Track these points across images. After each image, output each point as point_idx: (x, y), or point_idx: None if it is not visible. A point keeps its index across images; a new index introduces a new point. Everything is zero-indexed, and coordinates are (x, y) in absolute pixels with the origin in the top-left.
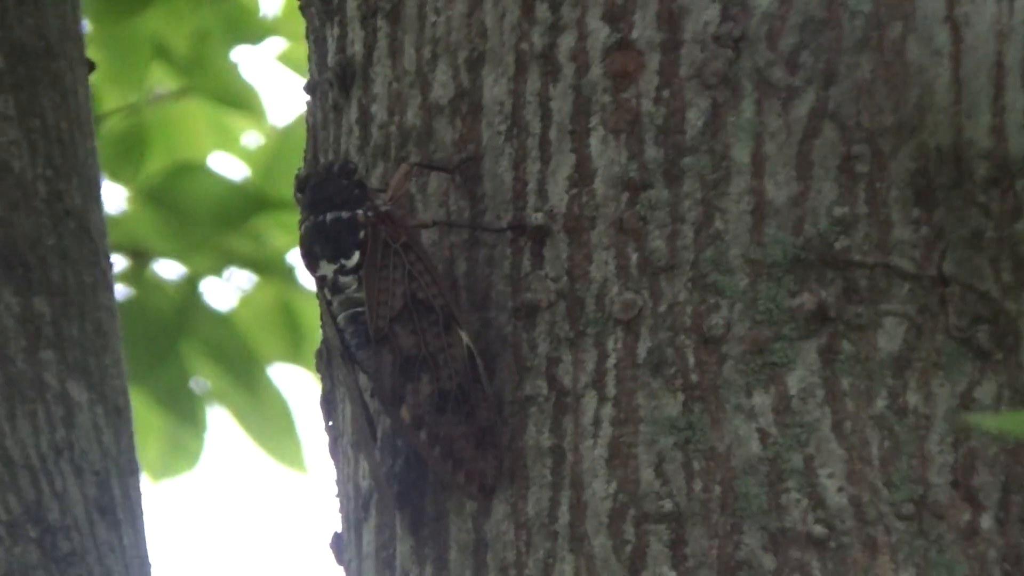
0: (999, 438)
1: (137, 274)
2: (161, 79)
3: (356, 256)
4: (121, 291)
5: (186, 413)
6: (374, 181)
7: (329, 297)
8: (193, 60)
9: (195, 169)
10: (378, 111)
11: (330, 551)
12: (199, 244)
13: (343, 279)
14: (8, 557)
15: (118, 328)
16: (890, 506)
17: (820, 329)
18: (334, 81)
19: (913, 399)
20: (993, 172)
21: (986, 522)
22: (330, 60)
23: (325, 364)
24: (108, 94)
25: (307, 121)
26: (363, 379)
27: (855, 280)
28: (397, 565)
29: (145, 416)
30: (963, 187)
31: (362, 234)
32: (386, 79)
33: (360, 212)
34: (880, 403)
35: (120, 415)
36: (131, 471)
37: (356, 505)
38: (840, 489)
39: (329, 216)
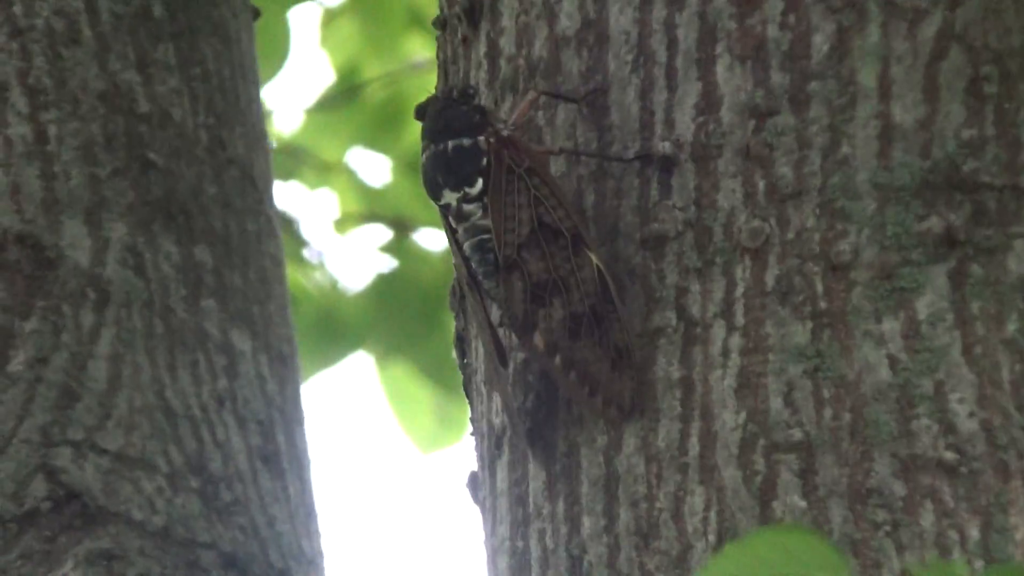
0: None
1: (400, 245)
2: (418, 48)
3: (479, 183)
4: (385, 262)
5: (452, 384)
6: (503, 115)
7: (454, 226)
8: None
9: None
10: (506, 44)
11: (467, 491)
12: None
13: (467, 207)
14: (169, 508)
15: (284, 276)
16: (1022, 430)
17: (949, 253)
18: (463, 15)
19: None
20: None
21: None
22: None
23: (458, 302)
24: (368, 63)
25: (437, 57)
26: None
27: (984, 203)
28: (530, 501)
29: (411, 388)
30: None
31: (485, 161)
32: (513, 12)
33: (482, 138)
34: (1011, 326)
35: (285, 363)
36: (297, 420)
37: (490, 443)
38: (971, 414)
39: (451, 144)
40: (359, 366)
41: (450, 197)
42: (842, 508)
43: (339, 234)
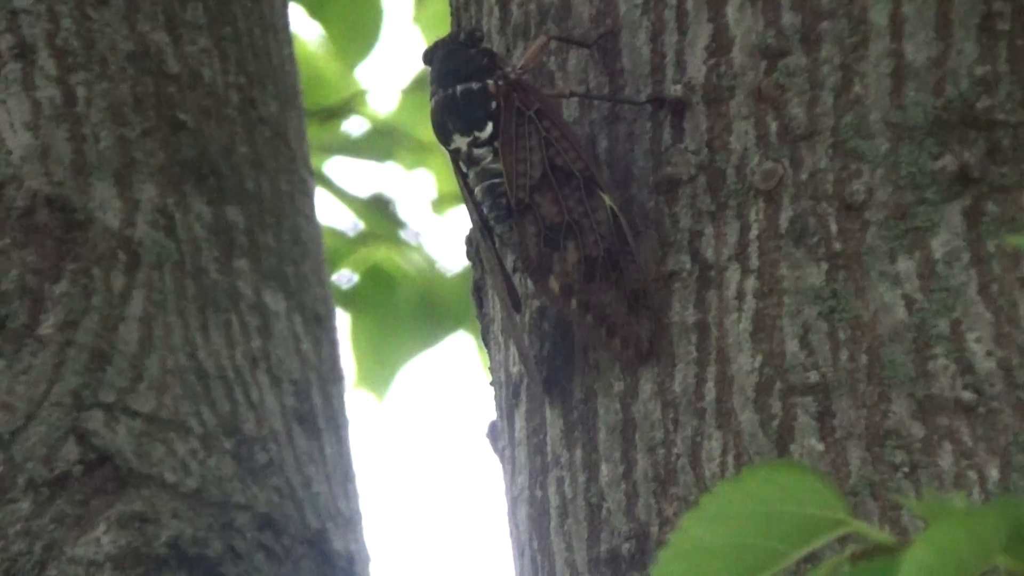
0: None
1: None
2: None
3: (489, 127)
4: None
5: None
6: (515, 61)
7: (465, 170)
8: None
9: None
10: None
11: (487, 440)
12: None
13: (477, 151)
14: (202, 469)
15: (319, 235)
16: None
17: (964, 191)
18: None
19: None
20: None
21: None
22: None
23: (474, 251)
24: None
25: (450, 4)
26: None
27: (998, 140)
28: (548, 450)
29: None
30: None
31: (494, 104)
32: None
33: (491, 82)
34: None
35: (320, 323)
36: (333, 379)
37: (508, 392)
38: (988, 353)
39: (459, 88)
40: (459, 346)
41: (460, 142)
42: (860, 450)
43: (437, 215)
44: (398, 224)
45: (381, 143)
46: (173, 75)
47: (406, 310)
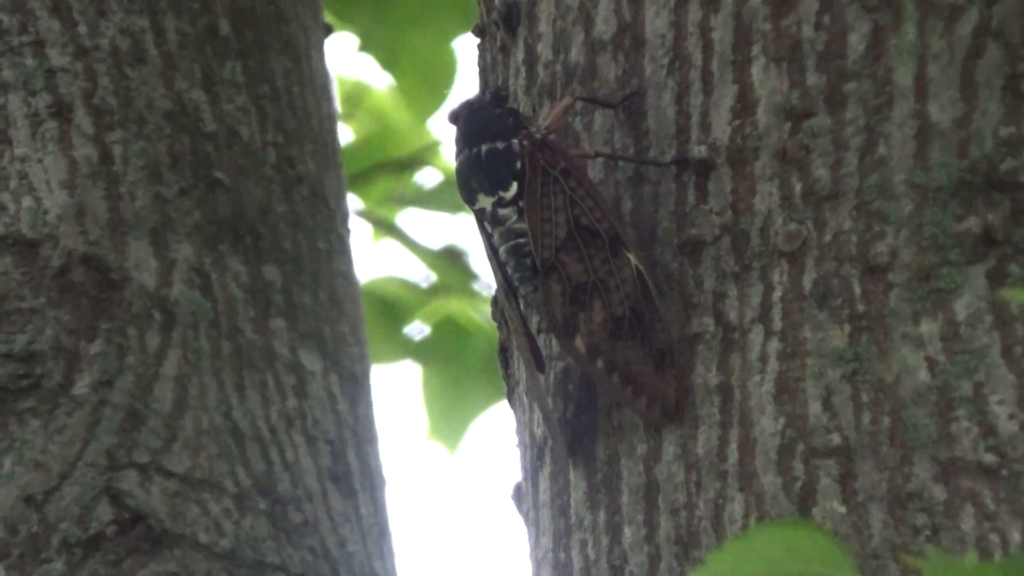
0: None
1: None
2: None
3: (514, 187)
4: None
5: None
6: (541, 122)
7: (490, 230)
8: None
9: None
10: (543, 50)
11: (511, 502)
12: None
13: (502, 211)
14: (236, 529)
15: (357, 294)
16: None
17: (987, 253)
18: (500, 22)
19: None
20: None
21: None
22: (496, 0)
23: (500, 312)
24: None
25: (477, 65)
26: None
27: (1022, 201)
28: (571, 512)
29: None
30: None
31: (519, 164)
32: (550, 17)
33: (515, 141)
34: None
35: (357, 383)
36: (369, 439)
37: (532, 454)
38: (1011, 416)
39: (484, 148)
40: None
41: (485, 201)
42: (882, 513)
43: None
44: (470, 276)
45: (454, 195)
46: (210, 133)
47: (478, 362)
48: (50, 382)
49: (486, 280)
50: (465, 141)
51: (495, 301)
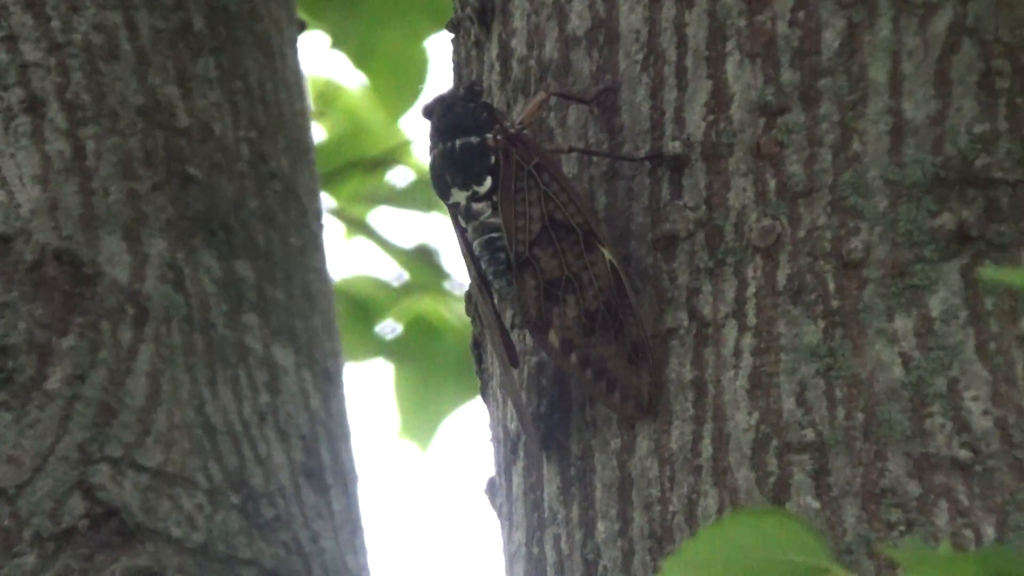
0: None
1: None
2: None
3: (488, 181)
4: None
5: None
6: (515, 117)
7: (464, 225)
8: None
9: None
10: (517, 45)
11: (485, 497)
12: None
13: (476, 205)
14: (209, 524)
15: (330, 290)
16: None
17: (962, 249)
18: (474, 17)
19: None
20: None
21: None
22: None
23: (474, 307)
24: None
25: (451, 60)
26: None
27: (997, 198)
28: (545, 506)
29: None
30: None
31: (493, 159)
32: (524, 12)
33: (490, 136)
34: None
35: (330, 379)
36: (342, 435)
37: (505, 448)
38: (985, 412)
39: (458, 142)
40: None
41: (459, 196)
42: (856, 508)
43: None
44: (442, 275)
45: (426, 193)
46: (183, 129)
47: (450, 361)
48: (23, 376)
49: (458, 279)
50: (439, 135)
51: (469, 296)
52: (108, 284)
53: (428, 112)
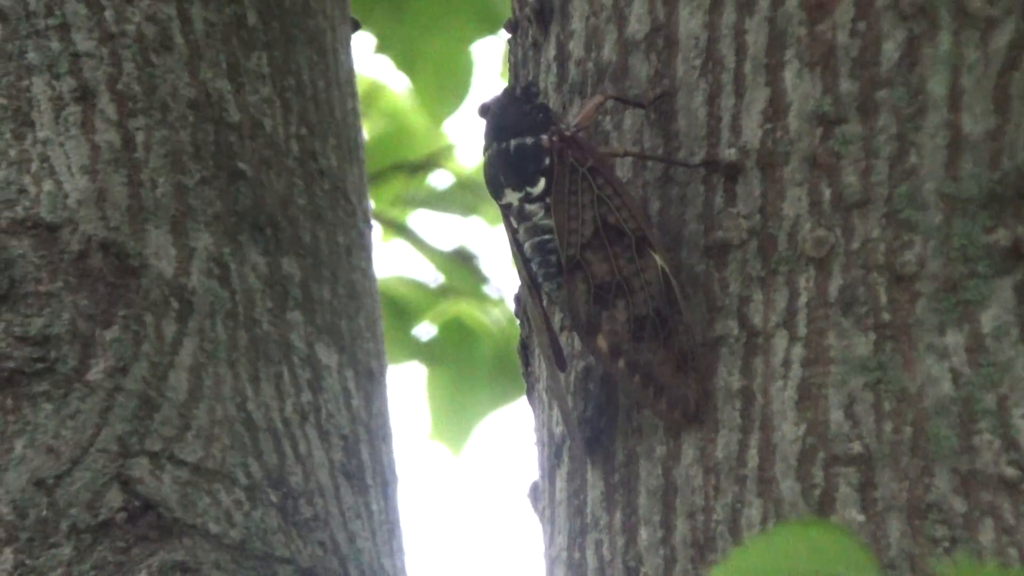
0: None
1: None
2: None
3: (542, 183)
4: None
5: None
6: (570, 119)
7: (515, 226)
8: None
9: None
10: (575, 47)
11: (527, 501)
12: None
13: (529, 207)
14: (247, 521)
15: (375, 290)
16: None
17: (1016, 266)
18: (533, 18)
19: None
20: None
21: None
22: None
23: (522, 309)
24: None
25: (509, 60)
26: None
27: None
28: (588, 512)
29: None
30: None
31: (547, 160)
32: (583, 14)
33: (544, 137)
34: None
35: (372, 379)
36: (383, 436)
37: (550, 452)
38: None
39: (513, 143)
40: None
41: (512, 197)
42: (900, 523)
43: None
44: (480, 279)
45: (466, 197)
46: (234, 124)
47: (484, 365)
48: (65, 367)
49: (495, 283)
50: (494, 135)
51: (518, 298)
52: (153, 277)
53: (484, 111)
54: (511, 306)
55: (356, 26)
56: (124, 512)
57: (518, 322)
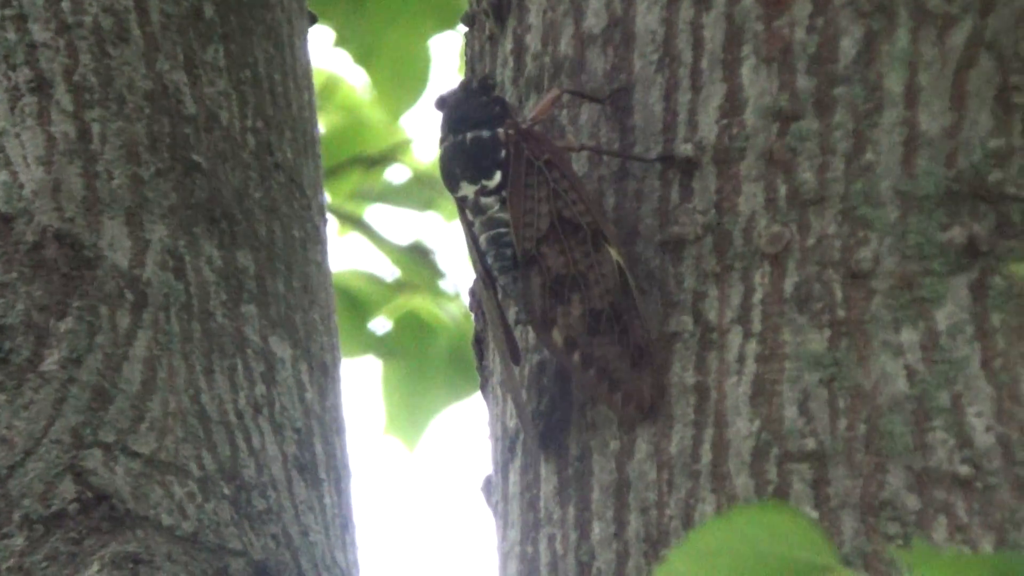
0: None
1: None
2: None
3: (497, 176)
4: None
5: None
6: (527, 112)
7: (471, 219)
8: None
9: None
10: (532, 41)
11: (481, 495)
12: None
13: (484, 200)
14: (199, 513)
15: (330, 284)
16: None
17: (971, 264)
18: (490, 11)
19: None
20: None
21: None
22: None
23: (477, 303)
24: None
25: (465, 54)
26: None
27: (1008, 214)
28: (541, 506)
29: None
30: None
31: (503, 153)
32: (540, 8)
33: (501, 130)
34: None
35: (326, 372)
36: (336, 430)
37: (503, 446)
38: (988, 428)
39: (469, 135)
40: None
41: (467, 189)
42: (854, 520)
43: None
44: (437, 274)
45: (423, 192)
46: (190, 116)
47: (440, 360)
48: (18, 357)
49: (452, 278)
50: (450, 128)
51: (473, 292)
52: (108, 268)
53: (441, 104)
54: (467, 301)
55: (313, 19)
56: (77, 503)
57: (473, 316)
